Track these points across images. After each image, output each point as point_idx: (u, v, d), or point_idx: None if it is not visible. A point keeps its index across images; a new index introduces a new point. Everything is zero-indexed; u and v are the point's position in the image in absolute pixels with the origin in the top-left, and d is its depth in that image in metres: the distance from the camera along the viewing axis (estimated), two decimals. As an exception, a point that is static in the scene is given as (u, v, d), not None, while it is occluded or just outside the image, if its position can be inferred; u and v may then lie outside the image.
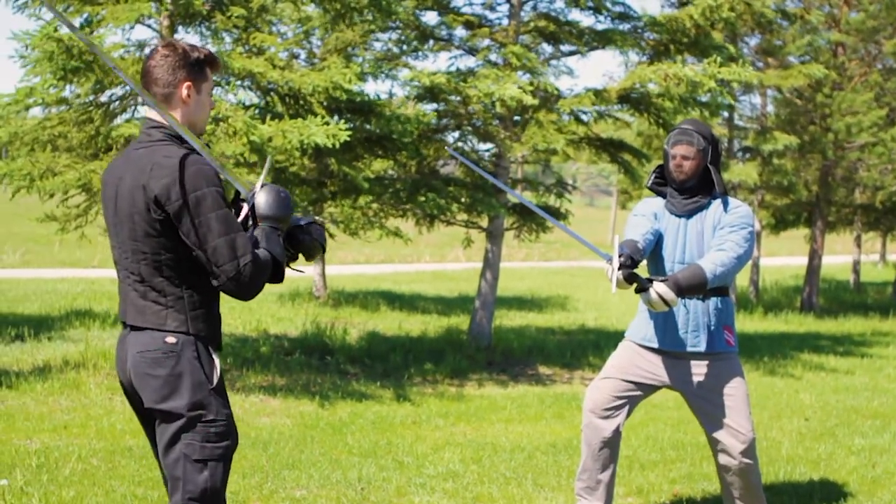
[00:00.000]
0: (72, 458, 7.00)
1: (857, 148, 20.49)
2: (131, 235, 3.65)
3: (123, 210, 3.66)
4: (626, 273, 5.17)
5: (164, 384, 3.64)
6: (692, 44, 12.36)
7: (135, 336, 3.72)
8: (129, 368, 3.73)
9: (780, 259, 39.23)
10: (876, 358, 14.31)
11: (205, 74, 3.81)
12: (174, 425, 3.65)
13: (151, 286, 3.67)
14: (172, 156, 3.60)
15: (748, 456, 5.55)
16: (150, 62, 3.74)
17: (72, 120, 9.97)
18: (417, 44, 12.99)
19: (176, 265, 3.65)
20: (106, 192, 3.79)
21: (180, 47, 3.76)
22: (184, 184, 3.54)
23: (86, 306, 15.35)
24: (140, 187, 3.58)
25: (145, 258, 3.64)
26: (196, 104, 3.79)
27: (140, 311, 3.69)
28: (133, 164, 3.67)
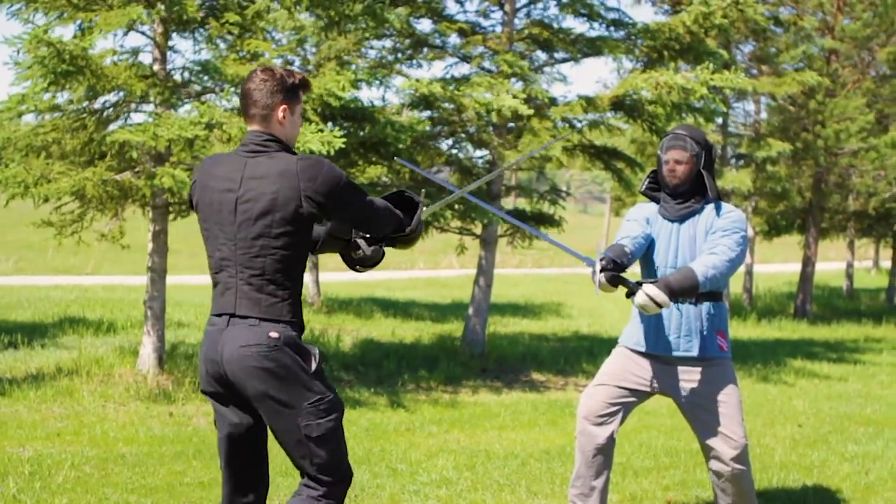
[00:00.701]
0: (65, 466, 6.99)
1: (849, 154, 20.55)
2: (264, 233, 4.02)
3: (256, 210, 4.01)
4: (608, 276, 5.18)
5: (271, 376, 3.99)
6: (685, 50, 12.37)
7: (236, 330, 4.05)
8: (228, 360, 4.04)
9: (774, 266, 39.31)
10: (869, 365, 14.33)
11: (298, 97, 4.23)
12: (289, 413, 4.02)
13: (271, 280, 4.05)
14: (309, 158, 4.08)
15: (741, 462, 5.55)
16: (250, 85, 4.15)
17: (65, 127, 9.95)
18: (411, 52, 13.00)
19: (294, 260, 4.10)
20: (213, 194, 4.13)
21: (278, 73, 4.16)
22: (334, 177, 4.06)
23: (79, 313, 15.33)
24: (293, 188, 3.99)
25: (274, 253, 4.04)
26: (290, 123, 4.20)
27: (255, 302, 4.04)
28: (266, 169, 4.05)
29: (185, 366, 10.44)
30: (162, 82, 9.64)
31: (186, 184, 9.02)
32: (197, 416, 8.88)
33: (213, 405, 4.24)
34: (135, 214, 11.02)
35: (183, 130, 8.80)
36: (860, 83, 21.28)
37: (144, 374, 9.98)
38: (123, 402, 9.19)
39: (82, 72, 8.94)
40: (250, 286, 4.05)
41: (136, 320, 14.40)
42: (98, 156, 9.93)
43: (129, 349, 11.15)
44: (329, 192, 4.04)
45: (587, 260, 5.26)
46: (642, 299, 5.16)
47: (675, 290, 5.19)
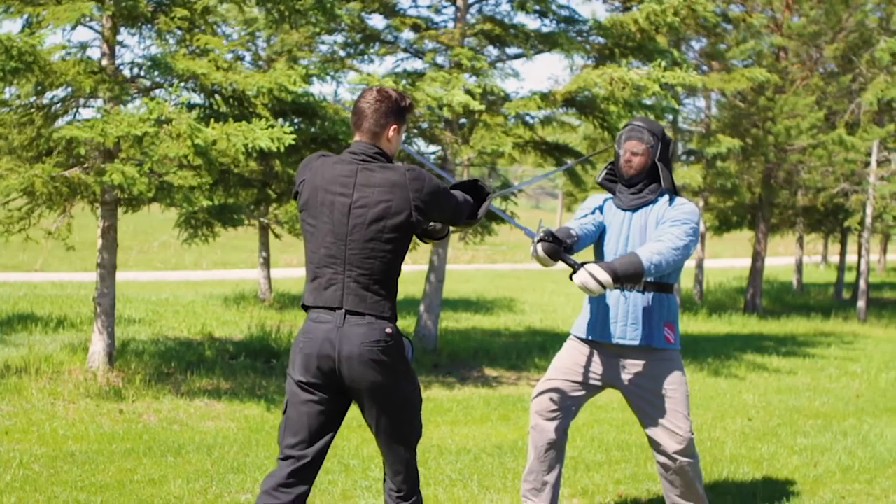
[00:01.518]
0: (13, 464, 6.92)
1: (798, 150, 20.73)
2: (376, 237, 4.41)
3: (369, 216, 4.40)
4: (547, 247, 5.24)
5: (387, 368, 4.43)
6: (637, 48, 12.44)
7: (355, 328, 4.41)
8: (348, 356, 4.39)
9: (724, 261, 39.59)
10: (818, 358, 14.48)
11: (406, 119, 4.64)
12: (399, 399, 4.52)
13: (377, 280, 4.44)
14: (413, 170, 4.47)
15: (686, 455, 5.59)
16: (364, 104, 4.54)
17: (11, 122, 9.85)
18: (363, 46, 12.98)
19: (397, 264, 4.50)
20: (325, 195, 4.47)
21: (393, 95, 4.56)
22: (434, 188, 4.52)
23: (28, 310, 15.17)
24: (404, 199, 4.42)
25: (383, 256, 4.43)
26: (396, 141, 4.61)
27: (362, 299, 4.41)
28: (380, 179, 4.43)
29: (136, 363, 10.37)
30: (111, 78, 9.56)
31: (137, 179, 8.93)
32: (147, 413, 8.82)
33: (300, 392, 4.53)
34: (83, 211, 10.92)
35: (132, 127, 8.72)
36: (808, 80, 21.48)
37: (94, 372, 9.89)
38: (73, 399, 9.11)
39: (31, 69, 8.84)
40: (357, 284, 4.42)
41: (86, 317, 14.27)
42: (45, 152, 9.83)
43: (78, 346, 11.05)
44: (431, 199, 4.49)
45: (527, 231, 5.34)
46: (583, 277, 5.16)
47: (618, 272, 5.20)
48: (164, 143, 9.01)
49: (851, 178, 21.44)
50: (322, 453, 4.58)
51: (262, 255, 19.08)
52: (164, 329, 14.13)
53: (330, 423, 4.56)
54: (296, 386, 4.53)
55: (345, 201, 4.42)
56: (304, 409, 4.51)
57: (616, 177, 5.83)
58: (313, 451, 4.54)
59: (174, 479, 6.74)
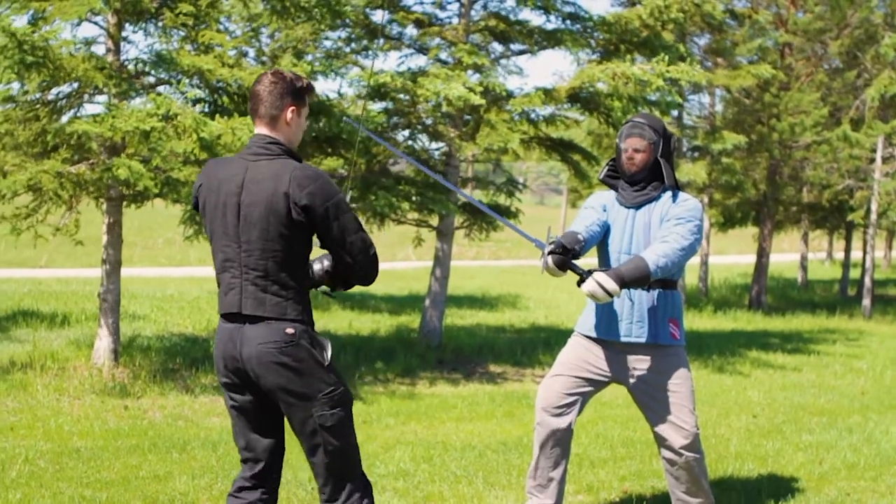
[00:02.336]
0: (18, 460, 6.92)
1: (803, 147, 20.71)
2: (263, 236, 4.18)
3: (256, 214, 4.17)
4: (556, 259, 5.20)
5: (288, 369, 4.20)
6: (641, 44, 12.42)
7: (253, 329, 4.22)
8: (248, 358, 4.21)
9: (729, 257, 39.58)
10: (823, 355, 14.46)
11: (305, 101, 4.40)
12: (305, 404, 4.25)
13: (275, 280, 4.21)
14: (308, 168, 4.21)
15: (692, 450, 5.59)
16: (259, 87, 4.31)
17: (17, 118, 9.85)
18: (367, 42, 12.97)
19: (297, 262, 4.25)
20: (219, 196, 4.27)
21: (288, 76, 4.33)
22: (325, 192, 4.19)
23: (33, 307, 15.19)
24: (282, 195, 4.14)
25: (275, 255, 4.19)
26: (296, 126, 4.38)
27: (261, 302, 4.21)
28: (266, 173, 4.20)
29: (141, 359, 10.37)
30: (117, 73, 9.56)
31: (143, 175, 8.95)
32: (152, 409, 8.83)
33: (228, 395, 4.41)
34: (88, 207, 10.92)
35: (140, 122, 8.73)
36: (813, 76, 21.46)
37: (99, 368, 9.90)
38: (78, 395, 9.12)
39: (44, 63, 8.84)
40: (255, 286, 4.22)
41: (91, 313, 14.28)
42: (51, 147, 9.83)
43: (83, 342, 11.06)
44: (317, 204, 4.16)
45: (537, 242, 5.29)
46: (591, 286, 5.17)
47: (626, 278, 5.21)
48: (170, 139, 9.02)
49: (856, 175, 21.40)
50: (275, 454, 4.49)
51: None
52: (170, 325, 14.14)
53: (264, 422, 4.42)
54: (222, 388, 4.44)
55: (234, 200, 4.22)
56: (234, 412, 4.42)
57: (618, 173, 5.82)
58: (262, 453, 4.45)
59: (179, 476, 6.74)
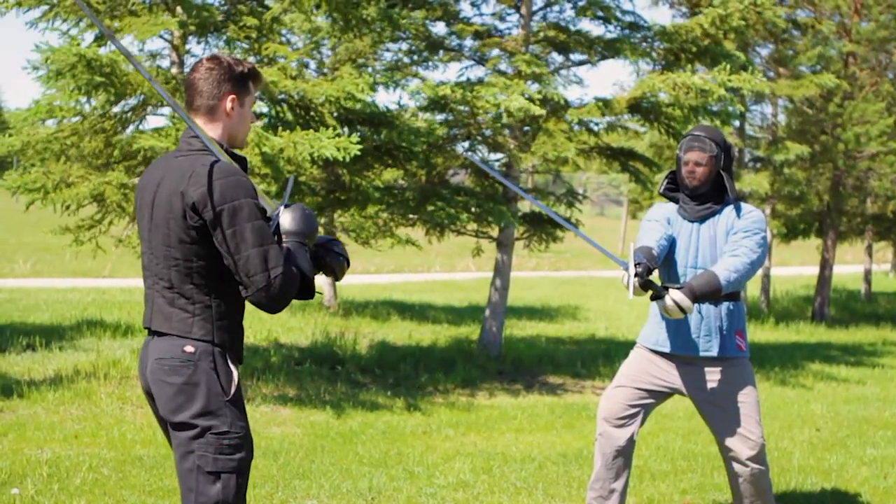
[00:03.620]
0: (82, 468, 7.01)
1: (868, 157, 20.47)
2: (165, 241, 3.68)
3: (159, 215, 3.69)
4: (641, 281, 5.18)
5: (178, 393, 3.66)
6: (702, 53, 12.35)
7: (156, 343, 3.75)
8: (149, 373, 3.76)
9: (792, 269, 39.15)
10: (887, 368, 14.27)
11: (248, 88, 3.90)
12: (187, 434, 3.66)
13: (181, 293, 3.70)
14: (218, 164, 3.66)
15: (759, 462, 5.55)
16: (195, 74, 3.82)
17: (84, 131, 9.99)
18: (427, 54, 13.01)
19: (207, 273, 3.69)
20: (143, 197, 3.83)
21: (225, 61, 3.84)
22: (222, 193, 3.59)
23: (97, 316, 15.37)
24: (178, 193, 3.62)
25: (177, 264, 3.67)
26: (239, 116, 3.88)
27: (167, 317, 3.72)
28: (173, 170, 3.72)
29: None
30: (181, 86, 9.67)
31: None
32: (214, 418, 8.90)
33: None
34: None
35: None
36: (878, 86, 21.22)
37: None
38: (141, 404, 9.21)
39: (111, 82, 8.97)
40: (164, 299, 3.75)
41: (154, 323, 14.41)
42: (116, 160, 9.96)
43: (146, 352, 11.15)
44: (208, 204, 3.59)
45: (623, 263, 5.26)
46: (668, 304, 5.18)
47: (698, 294, 5.23)
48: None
49: (923, 186, 21.11)
50: None
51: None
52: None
53: None
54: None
55: (148, 202, 3.76)
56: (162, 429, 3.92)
57: (677, 186, 5.79)
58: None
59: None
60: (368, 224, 16.76)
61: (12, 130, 9.95)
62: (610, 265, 38.48)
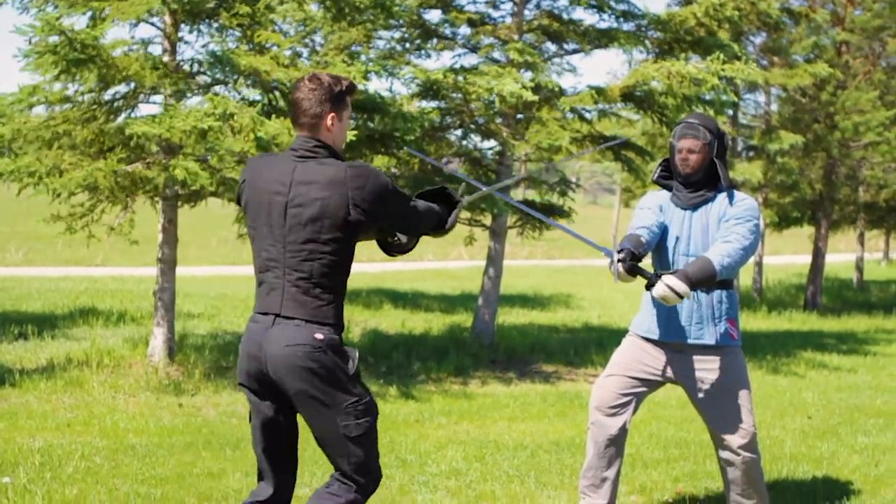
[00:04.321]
0: (75, 457, 7.00)
1: (861, 146, 20.49)
2: (312, 238, 4.14)
3: (306, 215, 4.13)
4: (627, 266, 5.19)
5: (315, 375, 4.12)
6: (696, 42, 12.34)
7: (283, 329, 4.16)
8: (272, 358, 4.15)
9: (784, 257, 39.21)
10: (879, 356, 14.30)
11: (346, 103, 4.33)
12: (329, 412, 4.18)
13: (318, 283, 4.17)
14: (357, 167, 4.18)
15: (750, 450, 5.56)
16: (298, 94, 4.25)
17: (75, 118, 9.95)
18: (420, 42, 12.98)
19: (340, 267, 4.22)
20: (263, 195, 4.24)
21: (325, 80, 4.25)
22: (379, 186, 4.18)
23: (89, 304, 15.36)
24: (342, 195, 4.11)
25: (322, 258, 4.15)
26: (338, 130, 4.31)
27: (301, 304, 4.16)
28: (316, 175, 4.16)
29: (196, 357, 10.45)
30: (173, 73, 9.64)
31: (199, 175, 9.02)
32: (207, 406, 8.90)
33: (248, 397, 4.35)
34: (144, 206, 11.02)
35: (198, 122, 8.79)
36: (871, 75, 21.22)
37: (155, 365, 10.00)
38: (133, 392, 9.21)
39: (93, 61, 8.93)
40: (297, 288, 4.16)
41: (147, 311, 14.42)
42: (108, 147, 9.92)
43: (139, 340, 11.17)
44: (375, 199, 4.16)
45: (605, 251, 5.26)
46: (662, 290, 5.16)
47: (693, 280, 5.20)
48: (227, 138, 9.07)
49: (915, 175, 21.16)
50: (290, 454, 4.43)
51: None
52: (223, 323, 14.25)
53: (281, 425, 4.34)
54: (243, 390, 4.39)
55: (281, 200, 4.18)
56: (255, 413, 4.35)
57: (671, 174, 5.80)
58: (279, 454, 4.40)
59: (233, 473, 6.79)
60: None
61: (3, 119, 9.89)
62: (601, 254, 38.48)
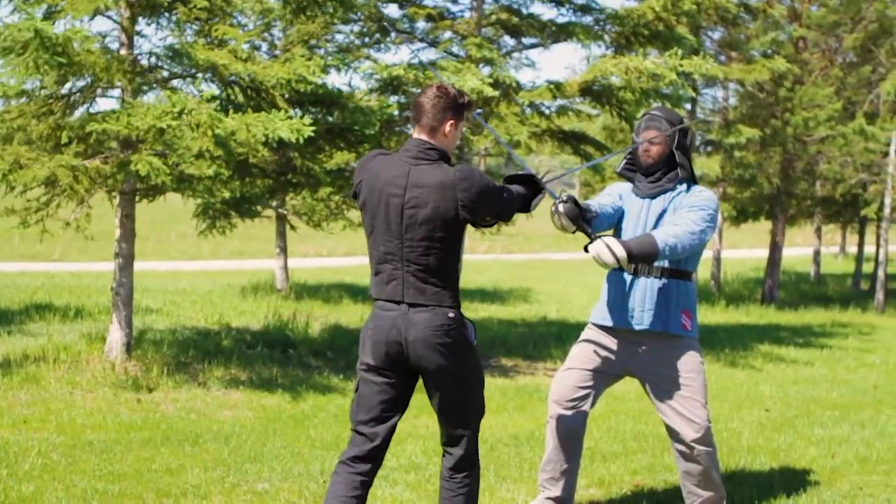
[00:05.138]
0: (31, 453, 6.95)
1: (817, 141, 20.66)
2: (428, 236, 4.62)
3: (421, 215, 4.61)
4: (568, 209, 5.23)
5: (451, 350, 4.68)
6: (654, 37, 12.40)
7: (420, 314, 4.67)
8: (414, 341, 4.66)
9: (742, 251, 39.51)
10: (835, 349, 14.43)
11: (463, 115, 4.85)
12: (461, 383, 4.78)
13: (434, 273, 4.66)
14: (463, 170, 4.65)
15: (704, 444, 5.60)
16: (424, 99, 4.76)
17: (31, 112, 9.85)
18: (379, 36, 12.96)
19: (453, 257, 4.71)
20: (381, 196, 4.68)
21: (452, 92, 4.78)
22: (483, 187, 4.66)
23: (46, 300, 15.23)
24: (451, 198, 4.60)
25: (437, 252, 4.64)
26: (453, 137, 4.80)
27: (421, 291, 4.66)
28: (429, 177, 4.62)
29: (154, 352, 10.39)
30: (130, 68, 9.57)
31: (161, 170, 8.93)
32: (165, 402, 8.85)
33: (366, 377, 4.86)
34: (101, 201, 10.94)
35: (157, 120, 8.72)
36: (828, 70, 21.40)
37: (112, 361, 9.93)
38: (91, 388, 9.14)
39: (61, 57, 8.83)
40: (416, 278, 4.66)
41: (104, 307, 14.32)
42: (64, 142, 9.83)
43: (96, 336, 11.09)
44: (479, 199, 4.64)
45: (550, 191, 5.31)
46: (598, 247, 5.18)
47: (633, 251, 5.21)
48: (185, 135, 9.01)
49: (870, 169, 21.35)
50: (391, 431, 4.86)
51: (278, 245, 19.11)
52: (182, 319, 14.17)
53: (397, 402, 4.84)
54: (366, 368, 4.85)
55: (398, 202, 4.63)
56: (375, 388, 4.81)
57: (635, 167, 5.87)
58: (383, 428, 4.82)
59: (192, 468, 6.76)
60: (320, 207, 16.70)
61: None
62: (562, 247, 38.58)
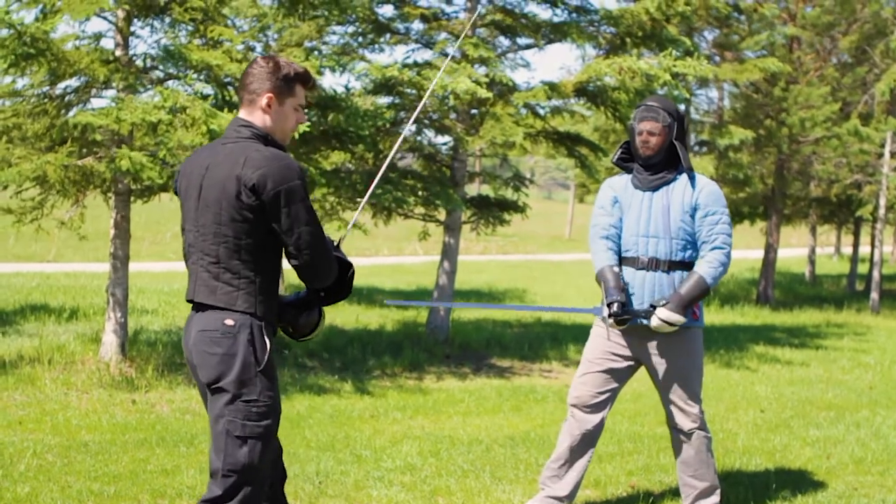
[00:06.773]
0: (27, 454, 6.94)
1: (811, 142, 20.68)
2: (216, 220, 3.99)
3: (210, 197, 4.00)
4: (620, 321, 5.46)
5: (218, 362, 3.97)
6: (648, 37, 12.41)
7: (199, 315, 4.06)
8: (192, 345, 4.07)
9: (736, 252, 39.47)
10: (830, 350, 14.44)
11: (292, 91, 4.18)
12: (221, 400, 3.99)
13: (227, 268, 4.02)
14: (267, 150, 4.01)
15: (700, 429, 5.72)
16: (248, 69, 4.18)
17: (25, 111, 9.85)
18: (374, 37, 12.96)
19: (253, 250, 4.02)
20: (190, 180, 4.13)
21: (276, 61, 4.15)
22: (279, 175, 3.93)
23: (41, 301, 15.22)
24: (234, 178, 3.93)
25: (226, 241, 3.99)
26: (276, 114, 4.16)
27: (211, 290, 4.03)
28: (225, 156, 4.04)
29: (149, 353, 10.38)
30: (125, 68, 9.56)
31: (145, 166, 8.95)
32: (160, 403, 8.84)
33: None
34: (96, 201, 10.93)
35: (146, 114, 8.73)
36: (822, 71, 21.42)
37: (107, 362, 9.92)
38: (86, 389, 9.13)
39: (43, 55, 8.84)
40: (208, 273, 4.05)
41: (99, 308, 14.30)
42: (59, 141, 9.83)
43: (91, 337, 11.08)
44: (267, 186, 3.91)
45: (595, 311, 5.43)
46: (657, 323, 5.43)
47: (687, 302, 5.41)
48: (177, 132, 9.01)
49: (864, 170, 21.38)
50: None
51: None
52: (177, 319, 14.15)
53: None
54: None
55: (197, 184, 4.08)
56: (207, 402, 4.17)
57: (631, 156, 5.86)
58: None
59: (187, 469, 6.75)
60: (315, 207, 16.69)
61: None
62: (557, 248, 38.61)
